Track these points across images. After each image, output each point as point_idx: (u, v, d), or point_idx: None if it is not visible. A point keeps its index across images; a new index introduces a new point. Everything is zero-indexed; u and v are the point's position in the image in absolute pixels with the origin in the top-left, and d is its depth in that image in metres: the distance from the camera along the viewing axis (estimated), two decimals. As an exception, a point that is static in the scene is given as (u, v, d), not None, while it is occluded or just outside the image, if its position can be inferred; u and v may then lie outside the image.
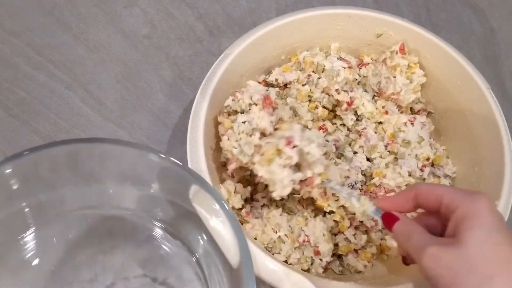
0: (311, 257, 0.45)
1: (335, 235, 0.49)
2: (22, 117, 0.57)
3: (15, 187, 0.40)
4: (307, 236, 0.45)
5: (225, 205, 0.38)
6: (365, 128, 0.52)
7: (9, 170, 0.38)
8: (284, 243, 0.45)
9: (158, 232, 0.46)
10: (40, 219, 0.43)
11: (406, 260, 0.39)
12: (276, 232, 0.45)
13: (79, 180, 0.43)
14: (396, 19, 0.53)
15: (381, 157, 0.51)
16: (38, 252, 0.43)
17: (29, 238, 0.43)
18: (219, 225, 0.39)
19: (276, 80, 0.54)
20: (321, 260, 0.45)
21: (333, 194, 0.48)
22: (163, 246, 0.45)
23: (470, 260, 0.29)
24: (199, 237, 0.44)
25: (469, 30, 0.70)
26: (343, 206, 0.48)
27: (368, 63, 0.56)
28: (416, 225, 0.35)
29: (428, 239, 0.33)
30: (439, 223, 0.36)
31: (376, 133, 0.53)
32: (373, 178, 0.50)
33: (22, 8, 0.63)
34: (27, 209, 0.42)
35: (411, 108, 0.56)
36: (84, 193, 0.44)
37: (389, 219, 0.37)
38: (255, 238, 0.46)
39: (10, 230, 0.42)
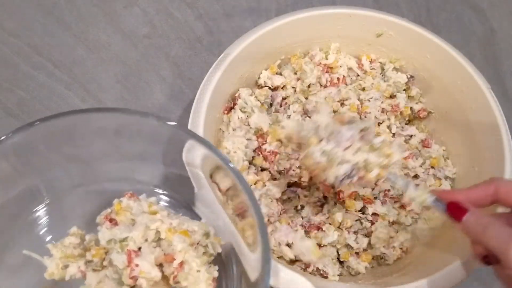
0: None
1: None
2: (21, 117, 0.56)
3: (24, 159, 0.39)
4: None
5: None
6: None
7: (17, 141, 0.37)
8: None
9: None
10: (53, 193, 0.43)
11: (489, 259, 0.34)
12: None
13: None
14: (396, 19, 0.53)
15: None
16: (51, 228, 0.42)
17: (41, 213, 0.42)
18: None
19: (265, 83, 0.54)
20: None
21: (354, 197, 0.47)
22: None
23: None
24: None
25: (469, 30, 0.70)
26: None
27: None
28: (491, 217, 0.32)
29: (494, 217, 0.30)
30: None
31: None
32: None
33: (22, 8, 0.63)
34: (40, 183, 0.41)
35: (411, 108, 0.56)
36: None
37: (456, 210, 0.34)
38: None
39: (23, 204, 0.42)
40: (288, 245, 0.45)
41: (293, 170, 0.48)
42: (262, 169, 0.50)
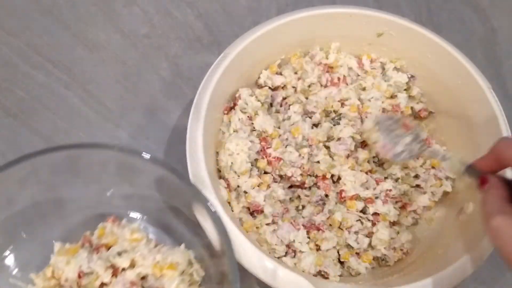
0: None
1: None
2: (21, 117, 0.56)
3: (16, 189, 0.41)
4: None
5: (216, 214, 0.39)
6: None
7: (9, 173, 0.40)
8: None
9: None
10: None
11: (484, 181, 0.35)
12: None
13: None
14: (396, 19, 0.52)
15: None
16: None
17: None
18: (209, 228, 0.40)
19: (265, 83, 0.54)
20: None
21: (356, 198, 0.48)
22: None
23: None
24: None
25: (470, 30, 0.70)
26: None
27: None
28: (494, 190, 0.33)
29: (498, 207, 0.30)
30: None
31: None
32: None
33: (21, 7, 0.63)
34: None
35: (412, 108, 0.55)
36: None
37: (482, 182, 0.35)
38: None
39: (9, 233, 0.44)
40: (289, 245, 0.46)
41: (294, 177, 0.48)
42: (265, 172, 0.50)
